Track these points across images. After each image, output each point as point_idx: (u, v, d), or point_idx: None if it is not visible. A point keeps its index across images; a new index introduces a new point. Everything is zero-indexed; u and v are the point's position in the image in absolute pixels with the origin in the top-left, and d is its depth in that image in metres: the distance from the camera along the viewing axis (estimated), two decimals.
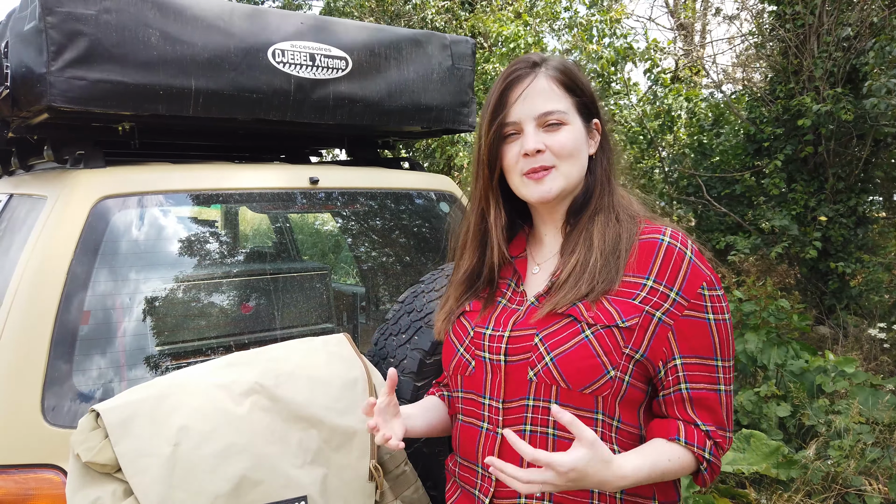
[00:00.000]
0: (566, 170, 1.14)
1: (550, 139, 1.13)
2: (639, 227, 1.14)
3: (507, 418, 1.13)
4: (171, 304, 1.75)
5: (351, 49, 2.06)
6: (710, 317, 1.09)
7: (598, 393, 1.07)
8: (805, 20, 5.47)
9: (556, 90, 1.15)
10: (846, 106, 5.00)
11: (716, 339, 1.09)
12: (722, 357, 1.10)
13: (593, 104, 1.19)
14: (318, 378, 1.41)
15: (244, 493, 1.23)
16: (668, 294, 1.08)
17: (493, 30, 7.01)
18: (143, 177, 1.79)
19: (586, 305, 1.08)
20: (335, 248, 2.75)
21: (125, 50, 1.70)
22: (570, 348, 1.07)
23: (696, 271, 1.09)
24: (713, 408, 1.10)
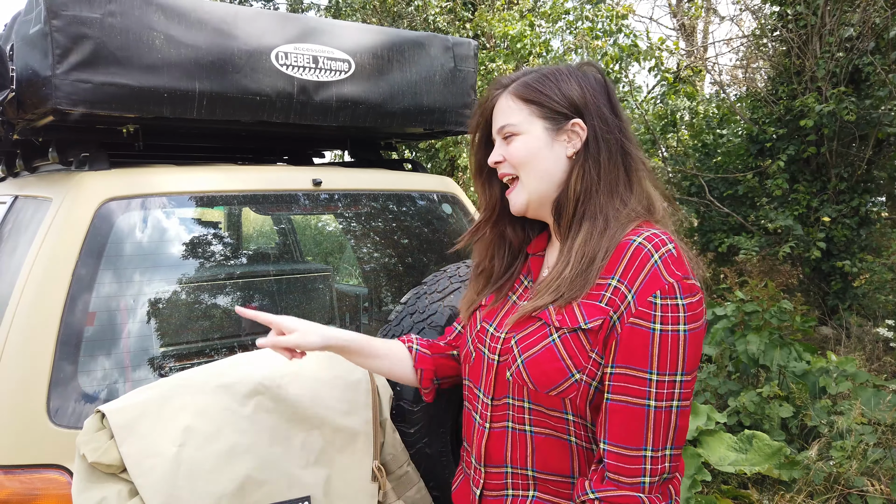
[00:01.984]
0: (525, 179, 1.20)
1: (506, 150, 1.22)
2: (630, 228, 1.12)
3: (494, 414, 1.19)
4: (175, 306, 1.76)
5: (354, 51, 2.07)
6: (657, 327, 1.03)
7: (563, 395, 1.08)
8: (807, 20, 5.47)
9: (512, 105, 1.21)
10: (849, 106, 5.00)
11: (656, 350, 1.02)
12: (659, 371, 1.02)
13: (573, 107, 1.18)
14: (322, 379, 1.42)
15: (248, 493, 1.24)
16: (626, 296, 1.06)
17: (497, 29, 7.02)
18: (147, 179, 1.80)
19: (556, 309, 1.11)
20: (338, 249, 2.76)
21: (130, 53, 1.72)
22: (538, 351, 1.10)
23: (655, 277, 1.04)
24: (630, 422, 1.03)
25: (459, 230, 2.37)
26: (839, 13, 5.34)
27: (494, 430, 1.19)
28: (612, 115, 1.20)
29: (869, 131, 5.31)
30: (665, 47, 6.37)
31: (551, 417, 1.11)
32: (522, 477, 1.16)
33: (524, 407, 1.14)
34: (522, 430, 1.14)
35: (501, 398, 1.17)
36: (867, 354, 4.90)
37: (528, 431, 1.14)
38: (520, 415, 1.14)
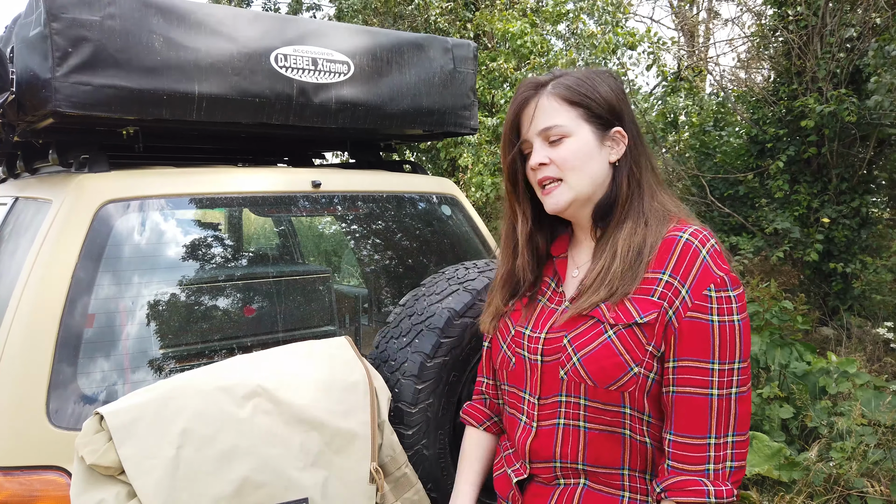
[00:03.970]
0: (572, 180, 1.20)
1: (554, 153, 1.20)
2: (669, 226, 1.16)
3: (541, 413, 1.20)
4: (175, 308, 1.76)
5: (353, 53, 2.08)
6: (715, 319, 1.08)
7: (623, 389, 1.11)
8: (808, 21, 5.46)
9: (556, 106, 1.20)
10: (849, 107, 4.99)
11: (716, 341, 1.07)
12: (720, 360, 1.07)
13: (612, 112, 1.21)
14: (320, 381, 1.43)
15: (247, 495, 1.25)
16: (680, 291, 1.10)
17: (498, 28, 7.02)
18: (147, 181, 1.80)
19: (608, 307, 1.13)
20: (337, 251, 2.77)
21: (129, 55, 1.72)
22: (595, 349, 1.13)
23: (706, 271, 1.09)
24: (695, 412, 1.08)
25: (458, 232, 2.37)
26: (840, 13, 5.33)
27: (542, 427, 1.21)
28: (634, 120, 1.24)
29: (870, 132, 5.30)
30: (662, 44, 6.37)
31: (608, 412, 1.14)
32: (573, 469, 1.19)
33: (579, 404, 1.16)
34: (576, 426, 1.17)
35: (550, 397, 1.19)
36: (868, 355, 4.90)
37: (582, 427, 1.16)
38: (574, 411, 1.16)
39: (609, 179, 1.21)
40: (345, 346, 1.56)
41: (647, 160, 1.23)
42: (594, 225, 1.24)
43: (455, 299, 1.60)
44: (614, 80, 1.24)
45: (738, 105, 6.51)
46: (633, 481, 1.16)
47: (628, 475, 1.16)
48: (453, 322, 1.57)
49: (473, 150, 7.01)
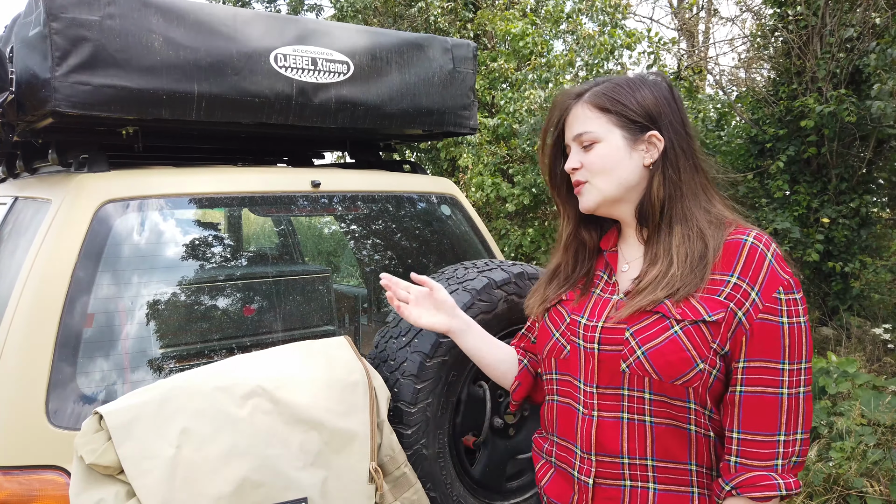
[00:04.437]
0: (598, 183, 1.25)
1: (585, 157, 1.27)
2: (727, 231, 1.19)
3: (601, 403, 1.22)
4: (174, 307, 1.76)
5: (352, 53, 2.08)
6: (784, 321, 1.11)
7: (688, 384, 1.14)
8: (808, 21, 5.46)
9: (588, 113, 1.26)
10: (849, 107, 4.99)
11: (786, 342, 1.11)
12: (790, 360, 1.11)
13: (648, 117, 1.24)
14: (319, 381, 1.43)
15: (246, 494, 1.25)
16: (749, 293, 1.12)
17: (499, 28, 7.02)
18: (146, 180, 1.80)
19: (673, 303, 1.15)
20: (337, 250, 2.77)
21: (129, 55, 1.72)
22: (661, 343, 1.14)
23: (774, 274, 1.12)
24: (766, 410, 1.11)
25: (458, 232, 2.37)
26: (839, 14, 5.33)
27: (605, 419, 1.21)
28: (682, 122, 1.26)
29: (869, 132, 5.30)
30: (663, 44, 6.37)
31: (674, 407, 1.16)
32: (641, 468, 1.19)
33: (644, 398, 1.17)
34: (641, 421, 1.18)
35: (610, 387, 1.21)
36: (867, 355, 4.90)
37: (648, 422, 1.17)
38: (639, 405, 1.18)
39: (645, 182, 1.25)
40: (344, 345, 1.56)
41: (691, 163, 1.25)
42: (639, 224, 1.28)
43: (455, 299, 1.60)
44: (659, 85, 1.27)
45: (738, 105, 6.51)
46: (699, 477, 1.18)
47: (696, 471, 1.18)
48: None
49: (474, 151, 7.00)
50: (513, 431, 1.77)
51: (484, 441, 1.71)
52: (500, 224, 7.08)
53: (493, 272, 1.67)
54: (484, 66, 7.27)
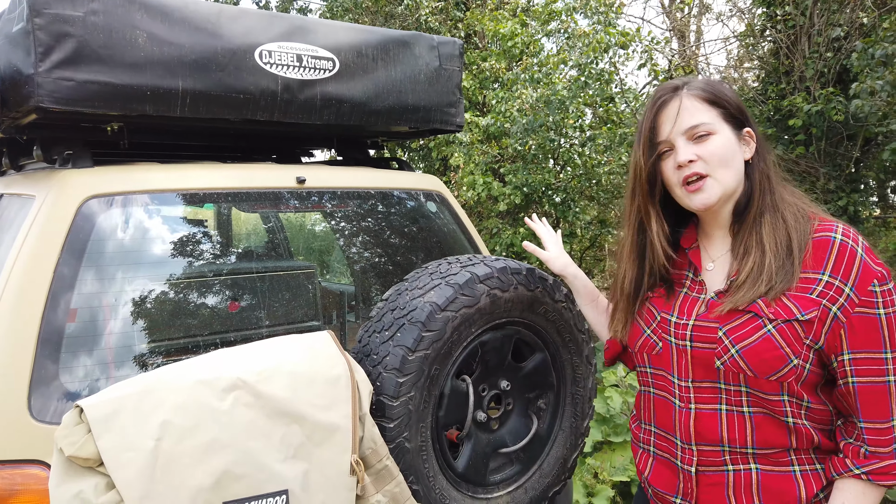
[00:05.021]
0: (720, 175, 1.26)
1: (701, 149, 1.26)
2: (812, 224, 1.23)
3: (698, 396, 1.28)
4: (158, 303, 1.77)
5: (338, 50, 2.09)
6: (881, 312, 1.16)
7: (782, 380, 1.19)
8: (796, 21, 5.50)
9: (699, 105, 1.28)
10: (837, 106, 5.03)
11: (885, 332, 1.16)
12: (892, 349, 1.16)
13: (741, 114, 1.29)
14: (301, 374, 1.43)
15: (226, 486, 1.25)
16: (843, 289, 1.16)
17: (489, 28, 7.03)
18: (130, 176, 1.81)
19: (765, 302, 1.20)
20: (322, 247, 2.77)
21: (112, 51, 1.72)
22: (755, 342, 1.20)
23: (867, 268, 1.16)
24: (879, 399, 1.17)
25: (445, 228, 2.38)
26: (827, 14, 5.37)
27: (702, 410, 1.28)
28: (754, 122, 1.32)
29: (857, 131, 5.34)
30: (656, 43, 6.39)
31: (769, 400, 1.22)
32: (742, 454, 1.26)
33: (741, 390, 1.24)
34: (740, 412, 1.24)
35: (706, 381, 1.27)
36: None
37: (746, 412, 1.24)
38: (736, 398, 1.24)
39: (744, 176, 1.29)
40: (327, 340, 1.56)
41: (771, 159, 1.31)
42: (733, 220, 1.31)
43: (437, 293, 1.61)
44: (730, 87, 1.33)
45: None
46: (799, 455, 1.24)
47: (795, 450, 1.24)
48: (435, 316, 1.58)
49: (465, 150, 7.01)
50: (496, 425, 1.78)
51: (467, 435, 1.72)
52: (491, 223, 7.09)
53: (475, 267, 1.68)
54: (475, 65, 7.28)
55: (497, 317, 1.70)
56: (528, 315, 1.76)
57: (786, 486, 1.24)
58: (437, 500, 1.63)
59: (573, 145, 6.68)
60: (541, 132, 6.22)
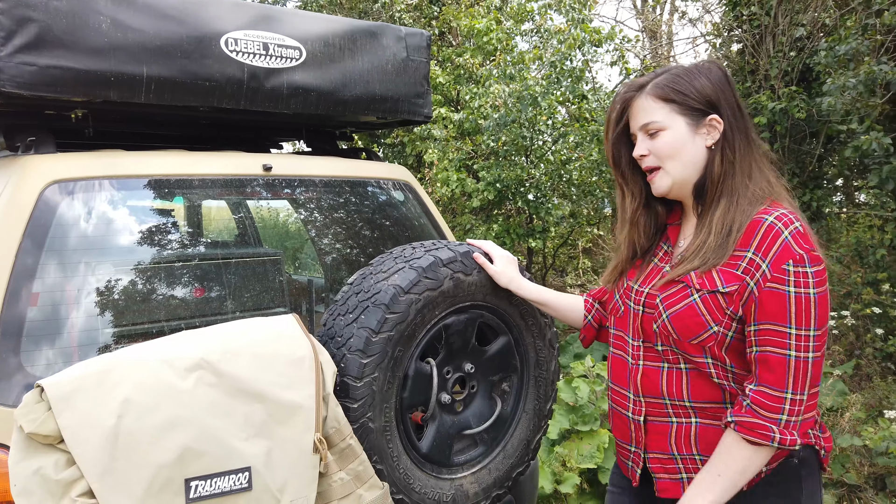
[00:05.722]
0: (669, 167, 1.40)
1: (652, 144, 1.41)
2: (759, 207, 1.31)
3: (646, 354, 1.44)
4: (122, 288, 1.77)
5: (305, 39, 2.10)
6: (791, 290, 1.24)
7: (703, 344, 1.33)
8: (761, 21, 5.63)
9: (653, 104, 1.40)
10: (799, 104, 5.16)
11: (792, 309, 1.23)
12: (797, 325, 1.23)
13: (707, 102, 1.37)
14: (264, 355, 1.45)
15: (188, 463, 1.27)
16: (761, 265, 1.26)
17: (464, 24, 7.08)
18: (94, 162, 1.80)
19: (697, 274, 1.33)
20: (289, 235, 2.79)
21: (75, 36, 1.72)
22: (681, 308, 1.34)
23: (786, 248, 1.25)
24: (776, 369, 1.24)
25: (412, 217, 2.41)
26: (791, 14, 5.51)
27: (648, 367, 1.43)
28: (737, 105, 1.39)
29: (819, 128, 5.49)
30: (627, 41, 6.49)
31: (696, 361, 1.36)
32: (682, 407, 1.39)
33: (675, 350, 1.38)
34: (679, 370, 1.39)
35: (648, 342, 1.43)
36: None
37: (684, 370, 1.38)
38: (674, 357, 1.39)
39: (706, 161, 1.39)
40: (291, 322, 1.58)
41: (746, 143, 1.38)
42: (695, 201, 1.43)
43: (401, 276, 1.64)
44: (714, 72, 1.39)
45: None
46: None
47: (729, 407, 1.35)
48: (399, 298, 1.61)
49: (440, 146, 7.05)
50: (460, 407, 1.82)
51: (431, 416, 1.75)
52: (465, 219, 7.13)
53: (439, 251, 1.71)
54: (449, 62, 7.32)
55: (460, 300, 1.73)
56: (492, 299, 1.79)
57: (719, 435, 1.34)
58: (401, 480, 1.66)
59: (545, 142, 6.75)
60: (513, 128, 6.27)
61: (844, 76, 4.36)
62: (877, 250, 4.83)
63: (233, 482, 1.31)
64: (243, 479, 1.32)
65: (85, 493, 1.17)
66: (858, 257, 5.08)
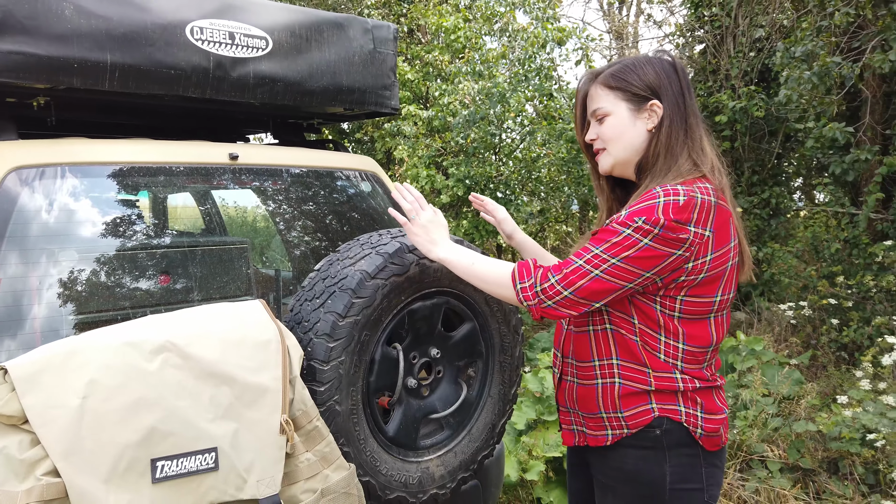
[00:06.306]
0: (612, 149, 1.56)
1: (599, 129, 1.57)
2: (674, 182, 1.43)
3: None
4: (85, 275, 1.76)
5: (271, 29, 2.11)
6: (620, 228, 1.39)
7: None
8: (722, 22, 5.78)
9: (601, 92, 1.55)
10: (759, 103, 5.32)
11: (609, 238, 1.40)
12: (602, 249, 1.40)
13: (650, 89, 1.50)
14: (231, 339, 1.46)
15: (154, 443, 1.28)
16: (622, 214, 1.42)
17: (433, 22, 7.11)
18: (57, 149, 1.79)
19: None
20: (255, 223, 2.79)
21: (38, 22, 1.71)
22: None
23: (650, 208, 1.37)
24: (564, 265, 1.44)
25: (379, 207, 2.44)
26: (751, 15, 5.67)
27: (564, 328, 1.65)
28: (681, 93, 1.51)
29: (778, 127, 5.66)
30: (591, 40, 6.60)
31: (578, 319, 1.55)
32: (565, 362, 1.62)
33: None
34: (570, 330, 1.61)
35: None
36: (776, 336, 5.23)
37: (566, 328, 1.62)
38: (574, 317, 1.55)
39: (646, 144, 1.51)
40: (258, 308, 1.60)
41: (684, 129, 1.49)
42: (637, 181, 1.56)
43: (368, 262, 1.67)
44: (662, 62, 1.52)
45: None
46: (602, 369, 1.53)
47: (598, 366, 1.53)
48: (365, 283, 1.63)
49: (410, 143, 7.07)
50: (426, 392, 1.85)
51: (398, 400, 1.78)
52: None
53: (405, 238, 1.74)
54: (418, 59, 7.34)
55: (426, 286, 1.77)
56: (457, 285, 1.83)
57: (589, 394, 1.55)
58: (368, 462, 1.68)
59: (514, 140, 6.83)
60: (482, 125, 6.33)
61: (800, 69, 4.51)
62: (831, 244, 5.00)
63: (199, 462, 1.32)
64: (210, 460, 1.34)
65: (50, 472, 1.17)
66: (814, 252, 5.25)
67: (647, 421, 1.47)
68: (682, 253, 1.38)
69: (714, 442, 1.49)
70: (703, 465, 1.48)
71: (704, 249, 1.40)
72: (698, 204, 1.38)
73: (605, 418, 1.52)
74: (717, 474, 1.52)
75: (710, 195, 1.41)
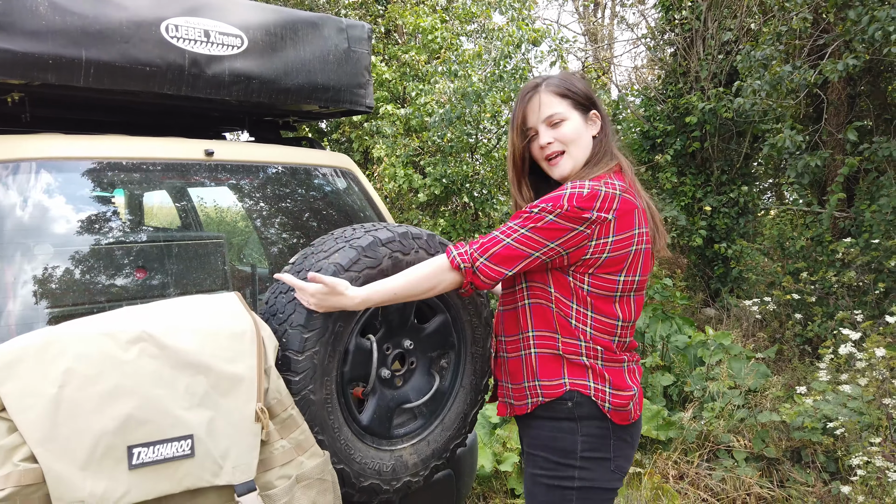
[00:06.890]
0: (572, 151, 1.68)
1: (557, 133, 1.68)
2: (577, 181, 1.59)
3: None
4: (58, 270, 1.77)
5: (246, 27, 2.14)
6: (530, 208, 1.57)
7: None
8: (692, 25, 5.92)
9: (553, 99, 1.68)
10: (727, 104, 5.46)
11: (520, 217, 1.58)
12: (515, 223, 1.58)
13: (588, 100, 1.70)
14: (206, 330, 1.50)
15: (130, 431, 1.31)
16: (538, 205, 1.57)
17: (410, 22, 7.15)
18: (29, 145, 1.80)
19: None
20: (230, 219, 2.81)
21: (12, 18, 1.72)
22: None
23: (555, 197, 1.55)
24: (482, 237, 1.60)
25: (354, 204, 2.48)
26: (720, 18, 5.81)
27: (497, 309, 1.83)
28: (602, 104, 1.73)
29: (745, 128, 5.81)
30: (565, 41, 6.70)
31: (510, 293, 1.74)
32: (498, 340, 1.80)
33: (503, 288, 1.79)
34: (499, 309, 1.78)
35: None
36: (743, 331, 5.37)
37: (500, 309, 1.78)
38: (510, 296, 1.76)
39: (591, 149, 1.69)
40: (233, 300, 1.63)
41: (612, 132, 1.73)
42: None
43: (341, 255, 1.71)
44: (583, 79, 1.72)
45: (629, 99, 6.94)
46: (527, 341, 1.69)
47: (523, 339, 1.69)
48: (339, 276, 1.67)
49: (388, 143, 7.10)
50: (399, 382, 1.90)
51: (372, 390, 1.82)
52: (412, 215, 7.21)
53: (378, 232, 1.79)
54: (395, 59, 7.38)
55: None
56: None
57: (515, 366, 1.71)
58: (342, 450, 1.72)
59: (490, 140, 6.90)
60: (459, 125, 6.39)
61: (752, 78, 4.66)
62: (797, 242, 5.15)
63: (175, 449, 1.35)
64: (186, 447, 1.37)
65: (27, 458, 1.20)
66: (780, 249, 5.40)
67: (559, 393, 1.64)
68: (584, 229, 1.54)
69: (623, 416, 1.64)
70: (612, 438, 1.64)
71: (606, 231, 1.56)
72: (601, 195, 1.55)
73: (527, 388, 1.69)
74: (626, 448, 1.67)
75: (615, 189, 1.57)
